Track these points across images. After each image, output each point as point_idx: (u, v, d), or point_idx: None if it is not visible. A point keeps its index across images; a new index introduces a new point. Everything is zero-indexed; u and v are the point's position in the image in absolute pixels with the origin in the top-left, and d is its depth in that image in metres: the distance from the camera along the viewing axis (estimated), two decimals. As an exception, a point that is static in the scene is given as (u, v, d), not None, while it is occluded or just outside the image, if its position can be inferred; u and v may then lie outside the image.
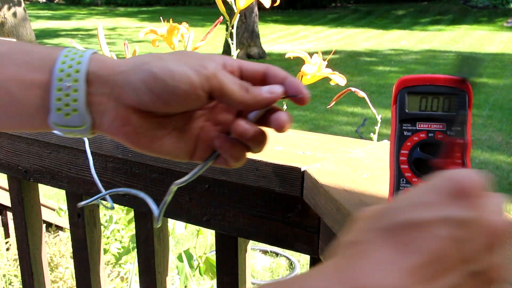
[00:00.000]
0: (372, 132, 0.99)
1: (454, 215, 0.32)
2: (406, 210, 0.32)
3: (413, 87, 0.53)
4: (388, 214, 0.33)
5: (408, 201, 0.33)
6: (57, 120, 0.45)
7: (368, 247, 0.31)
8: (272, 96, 0.46)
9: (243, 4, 0.90)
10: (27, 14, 8.51)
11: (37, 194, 1.17)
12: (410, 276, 0.30)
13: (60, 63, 0.44)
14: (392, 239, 0.31)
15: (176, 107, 0.45)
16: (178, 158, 0.50)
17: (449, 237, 0.31)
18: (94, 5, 21.33)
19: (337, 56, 9.98)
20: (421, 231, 0.31)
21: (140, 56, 0.46)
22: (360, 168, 0.70)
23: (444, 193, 0.33)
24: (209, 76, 0.44)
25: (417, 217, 0.31)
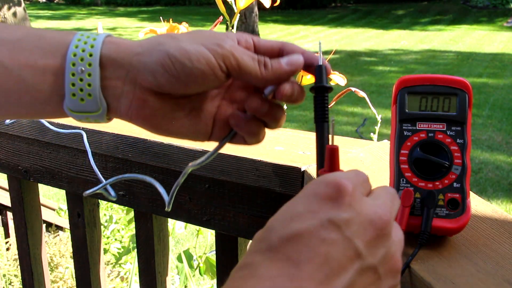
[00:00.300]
0: (372, 132, 0.99)
1: (332, 216, 0.32)
2: (285, 225, 0.32)
3: (413, 87, 0.53)
4: (270, 232, 0.32)
5: (285, 215, 0.33)
6: (72, 105, 0.44)
7: (256, 267, 0.31)
8: (292, 68, 0.45)
9: (243, 4, 0.90)
10: (27, 14, 8.51)
11: (37, 194, 1.17)
12: (303, 285, 0.29)
13: (74, 47, 0.43)
14: (277, 256, 0.31)
15: (194, 88, 0.44)
16: (196, 139, 0.49)
17: (333, 238, 0.31)
18: (94, 5, 21.33)
19: (337, 56, 9.98)
20: (304, 240, 0.31)
21: (155, 37, 0.45)
22: (360, 168, 0.70)
23: (319, 198, 0.33)
24: (226, 55, 0.43)
25: (298, 228, 0.31)
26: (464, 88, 0.52)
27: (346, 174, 0.36)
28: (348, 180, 0.34)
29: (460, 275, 0.47)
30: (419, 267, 0.48)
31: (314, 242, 0.31)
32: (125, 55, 0.44)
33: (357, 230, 0.32)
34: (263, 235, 0.33)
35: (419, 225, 0.51)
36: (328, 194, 0.33)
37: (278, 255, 0.31)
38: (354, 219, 0.33)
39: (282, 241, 0.31)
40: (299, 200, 0.34)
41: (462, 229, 0.51)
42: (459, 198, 0.51)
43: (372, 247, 0.33)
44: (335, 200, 0.33)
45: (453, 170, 0.51)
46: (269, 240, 0.32)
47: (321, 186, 0.34)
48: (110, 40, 0.45)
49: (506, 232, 0.54)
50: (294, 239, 0.31)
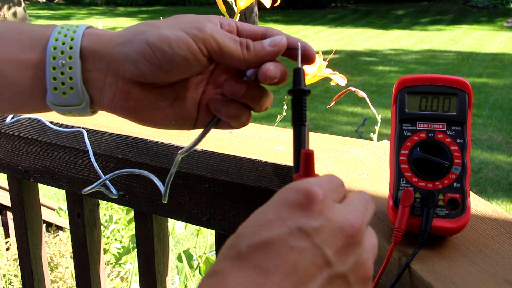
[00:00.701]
0: (372, 132, 0.99)
1: (301, 224, 0.31)
2: (255, 232, 0.31)
3: (413, 87, 0.53)
4: (239, 239, 0.32)
5: (255, 222, 0.32)
6: (54, 99, 0.43)
7: (224, 276, 0.30)
8: (275, 48, 0.44)
9: (244, 4, 0.90)
10: (27, 14, 8.51)
11: (37, 194, 1.17)
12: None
13: (53, 40, 0.43)
14: (246, 264, 0.30)
15: (177, 75, 0.43)
16: (182, 128, 0.49)
17: (302, 247, 0.31)
18: (94, 5, 21.33)
19: (337, 56, 9.98)
20: (273, 248, 0.30)
21: (135, 26, 0.44)
22: (360, 168, 0.70)
23: (289, 205, 0.32)
24: (206, 38, 0.42)
25: (267, 236, 0.31)
26: (464, 88, 0.52)
27: (318, 180, 0.35)
28: (319, 187, 0.33)
29: (460, 275, 0.47)
30: (419, 267, 0.48)
31: (282, 250, 0.30)
32: (106, 46, 0.43)
33: (327, 238, 0.32)
34: (232, 242, 0.32)
35: (419, 225, 0.51)
36: (298, 201, 0.33)
37: (247, 263, 0.30)
38: (324, 226, 0.32)
39: (251, 248, 0.31)
40: (269, 207, 0.33)
41: (462, 229, 0.51)
42: (459, 198, 0.51)
43: (342, 254, 0.32)
44: (305, 208, 0.32)
45: (453, 170, 0.51)
46: (238, 247, 0.31)
47: (292, 193, 0.33)
48: (91, 31, 0.44)
49: (506, 232, 0.54)
50: (263, 247, 0.31)
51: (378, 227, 0.56)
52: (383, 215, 0.58)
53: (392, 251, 0.50)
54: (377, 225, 0.56)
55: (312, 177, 0.38)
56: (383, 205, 0.59)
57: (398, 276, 0.50)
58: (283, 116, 1.09)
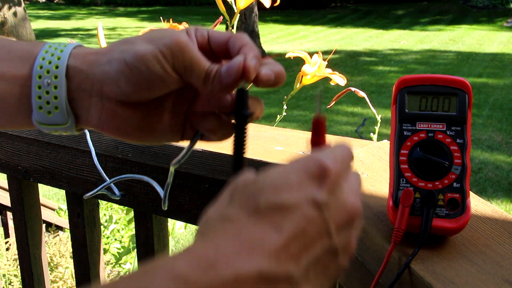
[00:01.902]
0: (372, 132, 0.99)
1: (316, 196, 0.34)
2: (276, 192, 0.33)
3: (413, 87, 0.53)
4: (260, 194, 0.33)
5: (278, 181, 0.34)
6: (39, 118, 0.43)
7: (240, 226, 0.32)
8: (230, 79, 0.42)
9: (243, 4, 0.90)
10: (27, 14, 8.51)
11: (37, 194, 1.17)
12: (277, 255, 0.31)
13: (40, 59, 0.43)
14: (262, 219, 0.32)
15: (158, 91, 0.43)
16: (171, 141, 0.49)
17: (313, 217, 0.33)
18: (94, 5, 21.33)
19: (337, 56, 9.98)
20: (289, 212, 0.33)
21: (115, 44, 0.44)
22: (360, 168, 0.70)
23: (307, 175, 0.34)
24: (176, 55, 0.41)
25: (286, 199, 0.33)
26: (464, 88, 0.52)
27: (335, 155, 0.37)
28: (335, 163, 0.36)
29: (460, 275, 0.47)
30: (419, 267, 0.48)
31: (297, 215, 0.33)
32: (90, 66, 0.43)
33: (333, 214, 0.35)
34: (252, 192, 0.34)
35: (419, 225, 0.51)
36: (316, 173, 0.35)
37: (264, 219, 0.32)
38: (332, 203, 0.35)
39: (269, 207, 0.33)
40: (292, 172, 0.35)
41: (462, 229, 0.51)
42: (459, 198, 0.51)
43: (340, 231, 0.35)
44: (321, 181, 0.35)
45: (453, 170, 0.51)
46: (257, 202, 0.33)
47: (312, 164, 0.35)
48: (78, 51, 0.44)
49: (506, 232, 0.54)
50: (280, 208, 0.33)
51: (378, 227, 0.56)
52: (383, 215, 0.58)
53: (392, 251, 0.50)
54: (377, 225, 0.56)
55: (323, 145, 0.40)
56: (383, 205, 0.59)
57: (398, 276, 0.50)
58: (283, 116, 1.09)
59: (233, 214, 0.33)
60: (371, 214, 0.58)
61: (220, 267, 0.29)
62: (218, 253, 0.30)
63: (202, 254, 0.30)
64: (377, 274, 0.51)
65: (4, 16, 7.99)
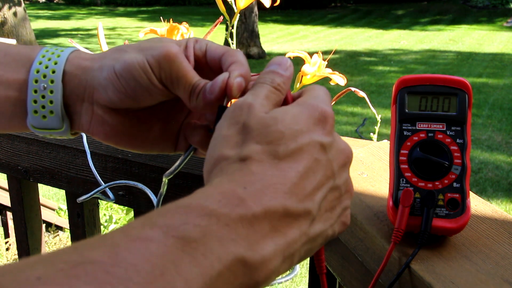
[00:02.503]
0: (372, 132, 0.99)
1: (323, 140, 0.37)
2: (291, 138, 0.36)
3: (413, 87, 0.53)
4: (281, 140, 0.36)
5: (293, 127, 0.36)
6: (34, 122, 0.43)
7: (261, 167, 0.34)
8: (212, 97, 0.41)
9: (243, 4, 0.90)
10: (27, 14, 8.51)
11: (36, 194, 1.17)
12: (296, 193, 0.34)
13: (37, 63, 0.43)
14: (282, 164, 0.35)
15: (145, 101, 0.43)
16: (163, 151, 0.48)
17: (321, 158, 0.37)
18: (94, 5, 21.33)
19: (337, 56, 9.98)
20: (302, 154, 0.36)
21: (110, 50, 0.44)
22: (360, 168, 0.70)
23: (313, 120, 0.38)
24: (162, 67, 0.41)
25: (300, 143, 0.36)
26: (464, 88, 0.52)
27: (327, 101, 0.40)
28: (330, 109, 0.39)
29: (460, 275, 0.47)
30: (419, 267, 0.48)
31: (309, 157, 0.36)
32: (84, 71, 0.43)
33: (334, 154, 0.38)
34: (273, 137, 0.36)
35: (419, 225, 0.51)
36: (319, 119, 0.38)
37: (283, 163, 0.35)
38: (333, 144, 0.38)
39: (288, 152, 0.35)
40: (301, 118, 0.37)
41: (462, 229, 0.51)
42: (459, 198, 0.51)
43: (341, 170, 0.39)
44: (323, 125, 0.38)
45: (453, 170, 0.51)
46: (277, 147, 0.35)
47: (315, 112, 0.38)
48: (75, 55, 0.44)
49: (506, 232, 0.54)
50: (295, 152, 0.36)
51: (378, 227, 0.56)
52: (383, 215, 0.58)
53: (392, 251, 0.50)
54: (377, 225, 0.56)
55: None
56: (383, 205, 0.59)
57: (398, 276, 0.50)
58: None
59: (254, 155, 0.35)
60: (371, 214, 0.58)
61: (249, 202, 0.32)
62: (246, 190, 0.32)
63: (231, 192, 0.32)
64: (376, 274, 0.51)
65: (4, 16, 7.99)
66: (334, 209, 0.38)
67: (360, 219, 0.57)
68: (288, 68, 0.41)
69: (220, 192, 0.32)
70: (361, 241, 0.58)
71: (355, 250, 0.60)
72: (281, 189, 0.34)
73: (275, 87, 0.39)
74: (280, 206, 0.33)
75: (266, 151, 0.35)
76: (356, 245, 0.59)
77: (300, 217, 0.34)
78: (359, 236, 0.58)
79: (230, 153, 0.35)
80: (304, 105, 0.38)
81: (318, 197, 0.36)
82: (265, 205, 0.32)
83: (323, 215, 0.37)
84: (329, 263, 0.72)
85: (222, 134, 0.36)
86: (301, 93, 0.42)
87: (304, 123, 0.37)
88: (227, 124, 0.37)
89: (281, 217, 0.33)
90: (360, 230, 0.57)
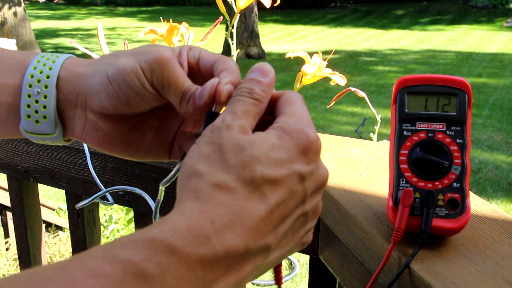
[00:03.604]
0: (372, 132, 0.99)
1: (303, 170, 0.37)
2: (270, 165, 0.35)
3: (413, 87, 0.53)
4: (256, 165, 0.35)
5: (273, 154, 0.36)
6: (27, 127, 0.43)
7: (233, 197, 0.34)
8: (201, 102, 0.41)
9: (243, 4, 0.90)
10: (26, 14, 8.51)
11: (36, 194, 1.17)
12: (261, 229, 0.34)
13: (32, 68, 0.43)
14: (257, 192, 0.34)
15: (138, 106, 0.43)
16: (157, 159, 0.48)
17: (297, 190, 0.36)
18: (94, 5, 21.32)
19: (337, 56, 9.98)
20: (278, 185, 0.35)
21: (104, 56, 0.44)
22: (359, 168, 0.70)
23: (297, 148, 0.37)
24: (155, 70, 0.41)
25: (278, 174, 0.35)
26: (463, 88, 0.52)
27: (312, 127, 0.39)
28: (317, 135, 0.38)
29: (460, 275, 0.47)
30: (419, 267, 0.48)
31: (283, 189, 0.35)
32: (77, 77, 0.43)
33: (311, 182, 0.38)
34: (249, 162, 0.35)
35: (418, 225, 0.51)
36: (304, 147, 0.37)
37: (258, 191, 0.35)
38: (313, 172, 0.38)
39: (264, 180, 0.35)
40: (285, 146, 0.36)
41: (461, 229, 0.51)
42: (458, 198, 0.51)
43: (313, 196, 0.38)
44: (306, 154, 0.37)
45: (453, 170, 0.51)
46: (253, 175, 0.35)
47: (302, 138, 0.37)
48: (70, 61, 0.44)
49: (505, 232, 0.54)
50: (273, 182, 0.35)
51: (378, 227, 0.56)
52: (383, 215, 0.58)
53: (391, 251, 0.50)
54: (377, 225, 0.56)
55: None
56: (383, 205, 0.59)
57: (397, 276, 0.50)
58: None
59: (228, 182, 0.34)
60: (371, 214, 0.58)
61: (214, 241, 0.32)
62: (213, 226, 0.32)
63: (198, 227, 0.32)
64: (375, 273, 0.51)
65: (4, 16, 7.99)
66: (296, 233, 0.38)
67: (360, 219, 0.57)
68: (268, 73, 0.40)
69: (188, 227, 0.32)
70: (361, 241, 0.58)
71: (355, 250, 0.60)
72: (248, 224, 0.33)
73: (254, 98, 0.39)
74: (243, 245, 0.33)
75: (240, 177, 0.34)
76: (356, 245, 0.59)
77: (258, 253, 0.34)
78: (359, 236, 0.58)
79: (204, 170, 0.35)
80: (288, 132, 0.37)
81: (283, 229, 0.36)
82: (227, 245, 0.32)
83: (283, 243, 0.37)
84: (329, 263, 0.72)
85: (200, 149, 0.36)
86: (281, 103, 0.40)
87: (286, 152, 0.36)
88: (205, 143, 0.36)
89: (240, 256, 0.33)
90: (360, 230, 0.57)
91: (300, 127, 0.38)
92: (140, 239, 0.30)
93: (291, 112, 0.39)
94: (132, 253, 0.29)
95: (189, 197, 0.34)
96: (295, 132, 0.37)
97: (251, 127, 0.38)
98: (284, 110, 0.39)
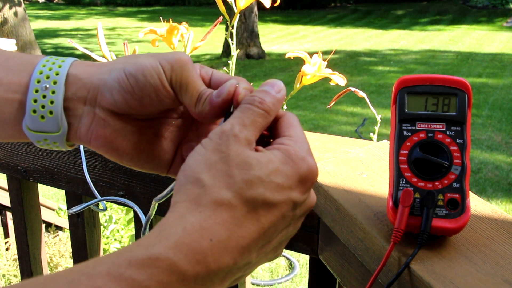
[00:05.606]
0: (372, 132, 0.99)
1: (296, 198, 0.38)
2: (269, 190, 0.37)
3: (413, 87, 0.53)
4: (252, 186, 0.36)
5: (271, 177, 0.37)
6: (31, 123, 0.43)
7: (231, 215, 0.35)
8: (219, 100, 0.42)
9: (243, 4, 0.90)
10: (26, 14, 8.51)
11: (36, 194, 1.17)
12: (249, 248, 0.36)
13: (41, 66, 0.43)
14: (252, 215, 0.36)
15: (149, 105, 0.43)
16: (155, 171, 0.48)
17: (288, 216, 0.38)
18: (94, 5, 21.32)
19: (337, 56, 9.98)
20: (273, 210, 0.37)
21: (120, 58, 0.45)
22: (359, 168, 0.70)
23: (298, 177, 0.38)
24: (175, 69, 0.42)
25: (274, 199, 0.37)
26: (463, 88, 0.52)
27: (311, 152, 0.40)
28: (316, 165, 0.40)
29: (460, 275, 0.47)
30: (419, 267, 0.48)
31: (277, 214, 0.37)
32: (90, 75, 0.44)
33: (301, 210, 0.39)
34: (254, 183, 0.36)
35: (418, 225, 0.51)
36: (304, 176, 0.38)
37: (252, 214, 0.36)
38: (305, 201, 0.39)
39: (259, 203, 0.36)
40: (285, 173, 0.38)
41: (461, 229, 0.51)
42: (458, 198, 0.51)
43: (298, 220, 0.41)
44: (304, 183, 0.38)
45: (453, 170, 0.51)
46: (254, 195, 0.36)
47: (304, 167, 0.38)
48: (80, 62, 0.45)
49: (505, 232, 0.54)
50: (267, 206, 0.37)
51: (377, 227, 0.56)
52: (382, 215, 0.58)
53: (391, 251, 0.50)
54: (376, 225, 0.56)
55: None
56: (383, 205, 0.59)
57: (397, 276, 0.50)
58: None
59: (231, 200, 0.36)
60: (371, 214, 0.58)
61: (209, 259, 0.34)
62: (212, 244, 0.34)
63: (198, 244, 0.33)
64: (375, 273, 0.51)
65: (4, 16, 8.00)
66: (275, 250, 0.40)
67: (360, 219, 0.58)
68: (280, 90, 0.42)
69: (189, 244, 0.33)
70: (361, 241, 0.58)
71: (355, 250, 0.60)
72: (240, 243, 0.35)
73: (264, 109, 0.40)
74: (232, 262, 0.35)
75: (242, 196, 0.36)
76: (356, 245, 0.59)
77: (240, 268, 0.36)
78: (359, 236, 0.58)
79: (208, 182, 0.36)
80: (294, 158, 0.39)
81: (266, 249, 0.38)
82: (220, 263, 0.34)
83: (263, 259, 0.39)
84: (329, 263, 0.72)
85: (206, 154, 0.37)
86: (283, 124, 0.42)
87: (288, 179, 0.38)
88: (211, 148, 0.37)
89: (227, 272, 0.35)
90: (360, 230, 0.58)
91: (303, 155, 0.39)
92: (145, 258, 0.32)
93: (295, 136, 0.40)
94: (136, 272, 0.31)
95: (190, 209, 0.35)
96: (299, 159, 0.39)
97: (256, 139, 0.39)
98: (287, 132, 0.41)
